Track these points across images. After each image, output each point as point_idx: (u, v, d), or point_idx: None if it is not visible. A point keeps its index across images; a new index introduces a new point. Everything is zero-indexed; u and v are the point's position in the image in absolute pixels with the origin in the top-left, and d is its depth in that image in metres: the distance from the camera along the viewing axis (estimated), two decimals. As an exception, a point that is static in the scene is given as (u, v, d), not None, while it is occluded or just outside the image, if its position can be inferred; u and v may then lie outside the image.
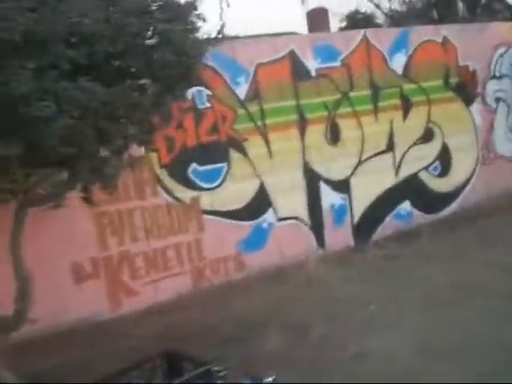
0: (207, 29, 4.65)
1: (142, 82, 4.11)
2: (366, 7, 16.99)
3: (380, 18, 17.26)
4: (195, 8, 4.27)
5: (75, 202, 4.43)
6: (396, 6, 16.93)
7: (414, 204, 7.71)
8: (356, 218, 7.31)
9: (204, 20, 4.41)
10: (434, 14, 15.98)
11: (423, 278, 5.71)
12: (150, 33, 3.58)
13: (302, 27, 15.31)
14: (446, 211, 7.93)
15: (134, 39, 3.49)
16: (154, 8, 3.66)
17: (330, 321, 5.00)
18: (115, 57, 3.51)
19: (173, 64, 3.88)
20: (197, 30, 4.29)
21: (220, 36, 4.64)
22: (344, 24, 16.77)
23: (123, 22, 3.44)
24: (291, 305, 5.51)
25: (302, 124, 6.88)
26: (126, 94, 3.51)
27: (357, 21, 16.54)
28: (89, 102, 3.23)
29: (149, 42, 3.61)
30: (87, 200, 4.32)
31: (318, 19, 15.30)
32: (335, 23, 16.76)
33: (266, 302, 5.68)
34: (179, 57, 3.97)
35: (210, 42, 4.51)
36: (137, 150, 5.75)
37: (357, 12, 17.31)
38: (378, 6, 14.90)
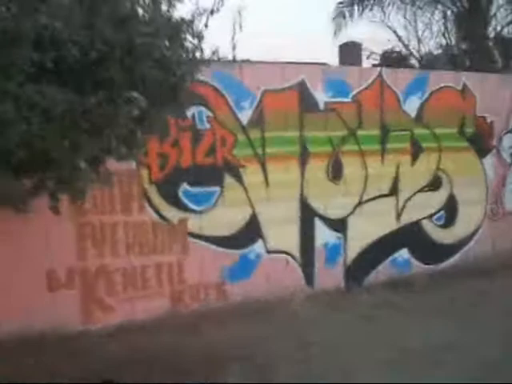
0: (212, 49, 4.55)
1: (128, 95, 3.97)
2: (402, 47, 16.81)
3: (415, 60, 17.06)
4: (189, 25, 4.14)
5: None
6: (431, 48, 16.66)
7: (412, 252, 7.42)
8: (349, 260, 7.06)
9: (201, 38, 4.28)
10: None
11: (402, 335, 5.42)
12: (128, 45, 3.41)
13: (333, 59, 15.24)
14: (446, 264, 7.63)
15: (111, 49, 3.35)
16: (138, 20, 3.51)
17: (295, 365, 4.74)
18: (88, 65, 3.37)
19: (154, 80, 3.74)
20: (189, 48, 4.16)
21: (217, 58, 4.50)
22: (377, 62, 16.57)
23: (99, 29, 3.31)
24: (262, 343, 5.26)
25: (304, 157, 6.68)
26: (95, 104, 3.35)
27: (391, 60, 16.37)
28: (51, 108, 3.08)
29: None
30: (55, 210, 4.15)
31: (350, 53, 15.24)
32: (368, 60, 16.69)
33: (238, 337, 5.46)
34: (164, 73, 3.83)
35: (205, 62, 4.37)
36: (127, 165, 5.70)
37: (392, 51, 17.18)
38: (406, 47, 14.61)
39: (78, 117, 3.45)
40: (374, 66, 15.75)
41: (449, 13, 13.26)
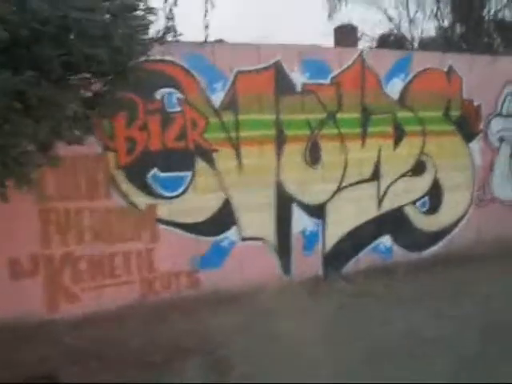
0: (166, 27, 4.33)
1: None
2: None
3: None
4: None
5: (19, 196, 4.12)
6: (425, 30, 16.24)
7: (394, 240, 7.19)
8: (328, 247, 6.84)
9: (153, 15, 4.04)
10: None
11: (380, 323, 5.23)
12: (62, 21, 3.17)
13: (328, 42, 14.88)
14: (430, 251, 7.40)
15: (43, 26, 3.12)
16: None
17: (261, 358, 4.54)
18: (21, 43, 3.14)
19: (98, 58, 3.51)
20: (139, 26, 3.93)
21: (168, 36, 4.27)
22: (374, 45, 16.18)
23: (33, 6, 3.07)
24: (229, 335, 5.06)
25: (280, 141, 6.44)
26: (28, 84, 3.12)
27: (388, 44, 15.99)
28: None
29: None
30: (2, 196, 3.94)
31: (345, 36, 14.89)
32: (364, 44, 16.29)
33: (205, 328, 5.26)
34: (110, 52, 3.60)
35: (158, 41, 4.14)
36: (93, 148, 5.50)
37: (390, 34, 16.78)
38: (398, 29, 14.23)
39: (13, 98, 3.22)
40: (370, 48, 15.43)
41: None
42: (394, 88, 7.05)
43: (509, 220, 7.86)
